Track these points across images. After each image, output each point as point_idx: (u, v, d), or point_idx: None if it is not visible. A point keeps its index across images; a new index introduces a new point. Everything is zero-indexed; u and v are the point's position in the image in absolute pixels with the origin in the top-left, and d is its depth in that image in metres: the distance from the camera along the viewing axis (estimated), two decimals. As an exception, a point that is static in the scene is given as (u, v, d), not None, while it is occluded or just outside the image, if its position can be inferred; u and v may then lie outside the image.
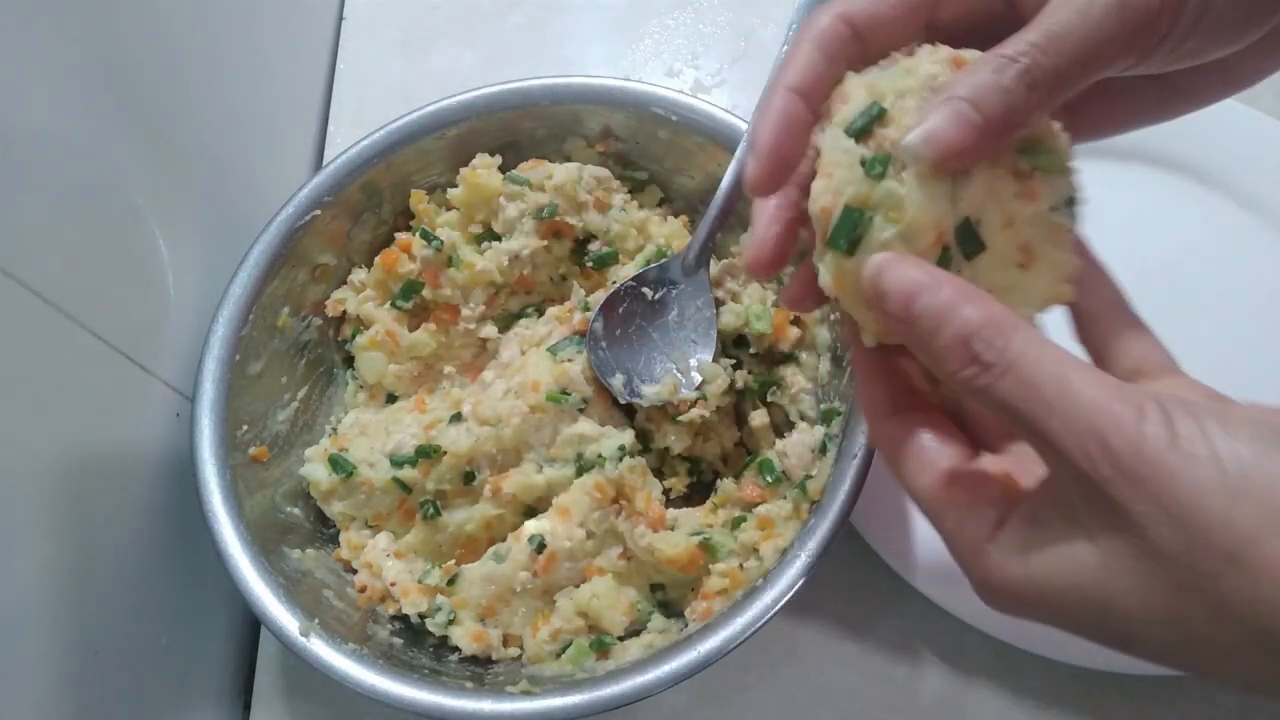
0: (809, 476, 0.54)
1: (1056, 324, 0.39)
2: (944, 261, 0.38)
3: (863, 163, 0.37)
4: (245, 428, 0.57)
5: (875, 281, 0.35)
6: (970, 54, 0.38)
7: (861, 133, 0.38)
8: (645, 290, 0.60)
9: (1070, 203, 0.40)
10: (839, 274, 0.38)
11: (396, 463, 0.56)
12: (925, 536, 0.60)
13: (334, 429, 0.62)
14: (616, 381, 0.58)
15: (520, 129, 0.63)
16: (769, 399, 0.61)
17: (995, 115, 0.35)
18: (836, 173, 0.38)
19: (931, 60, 0.38)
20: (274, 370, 0.60)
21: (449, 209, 0.64)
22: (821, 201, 0.38)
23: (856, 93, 0.39)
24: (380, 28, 0.83)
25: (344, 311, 0.64)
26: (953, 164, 0.36)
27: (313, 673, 0.49)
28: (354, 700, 0.49)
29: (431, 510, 0.57)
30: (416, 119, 0.62)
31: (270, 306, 0.59)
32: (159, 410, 0.56)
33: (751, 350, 0.60)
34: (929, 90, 0.38)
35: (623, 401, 0.59)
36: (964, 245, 0.38)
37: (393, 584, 0.55)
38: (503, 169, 0.62)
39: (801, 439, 0.56)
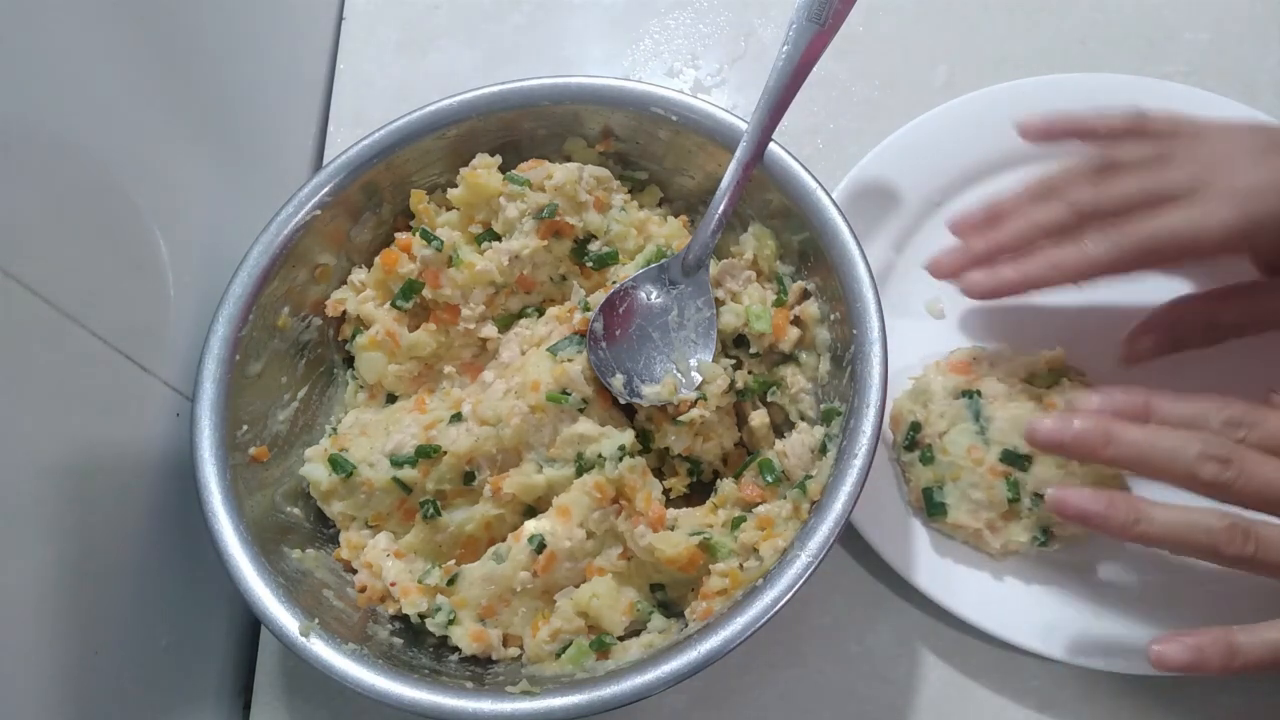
0: (809, 476, 0.54)
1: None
2: (1013, 485, 0.57)
3: (920, 460, 0.59)
4: (245, 428, 0.57)
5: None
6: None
7: (913, 443, 0.60)
8: (645, 290, 0.60)
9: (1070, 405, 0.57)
10: (953, 529, 0.59)
11: (396, 463, 0.56)
12: (925, 536, 0.60)
13: (334, 429, 0.62)
14: (616, 381, 0.58)
15: (520, 129, 0.63)
16: (769, 399, 0.61)
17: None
18: (909, 474, 0.61)
19: (939, 379, 0.60)
20: (274, 370, 0.60)
21: (449, 209, 0.64)
22: (911, 498, 0.61)
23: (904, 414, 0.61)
24: (380, 28, 0.83)
25: (344, 311, 0.64)
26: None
27: (313, 673, 0.49)
28: (354, 700, 0.49)
29: (431, 510, 0.57)
30: (416, 119, 0.62)
31: (270, 306, 0.59)
32: (159, 410, 0.56)
33: (751, 350, 0.60)
34: (931, 401, 0.60)
35: (623, 401, 0.59)
36: (1015, 464, 0.57)
37: (393, 584, 0.55)
38: (503, 169, 0.62)
39: (801, 439, 0.56)
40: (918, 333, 0.66)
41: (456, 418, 0.57)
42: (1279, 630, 0.47)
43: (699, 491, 0.60)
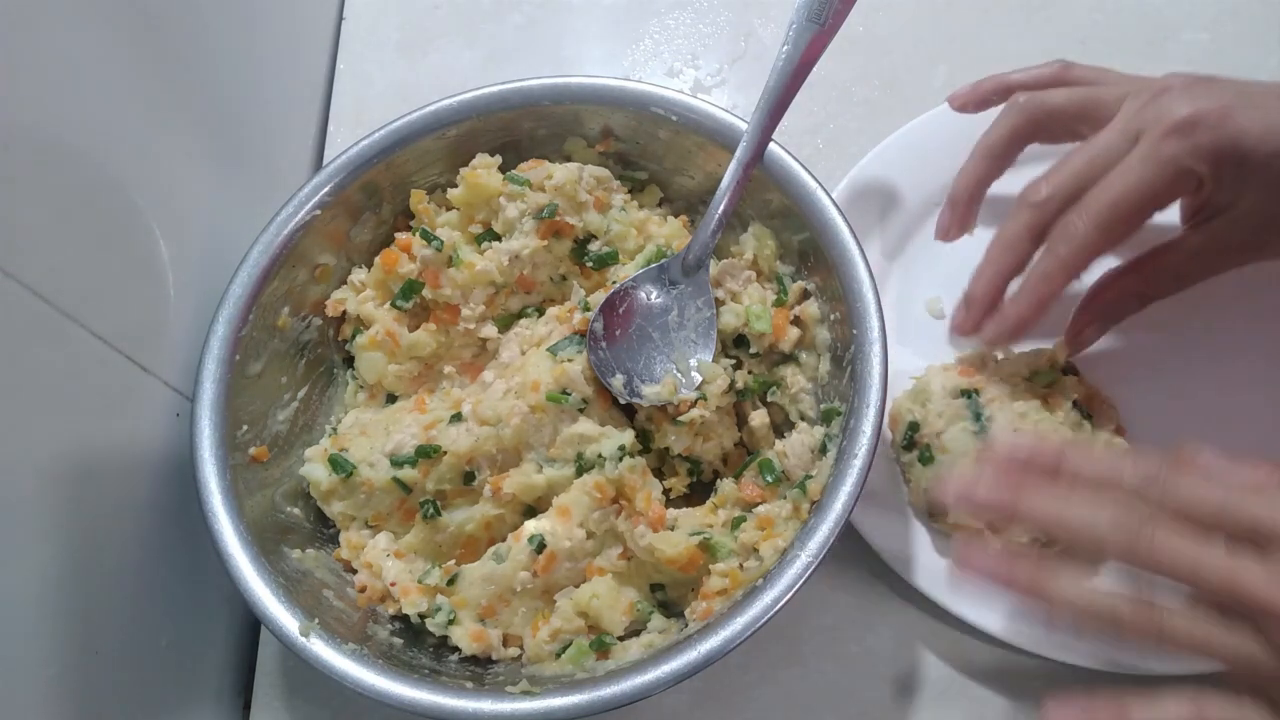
0: (809, 476, 0.54)
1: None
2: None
3: (919, 460, 0.59)
4: (245, 428, 0.57)
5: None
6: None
7: (911, 442, 0.60)
8: (645, 290, 0.60)
9: (1075, 403, 0.59)
10: (954, 530, 0.59)
11: (396, 463, 0.56)
12: (925, 537, 0.60)
13: (334, 429, 0.62)
14: (616, 381, 0.58)
15: (520, 129, 0.63)
16: (769, 399, 0.61)
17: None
18: (909, 474, 0.60)
19: (939, 378, 0.60)
20: (274, 370, 0.60)
21: (449, 209, 0.64)
22: (912, 498, 0.61)
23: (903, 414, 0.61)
24: (380, 28, 0.83)
25: (344, 311, 0.64)
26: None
27: (313, 673, 0.49)
28: (354, 700, 0.49)
29: (431, 510, 0.57)
30: (416, 119, 0.62)
31: (270, 306, 0.59)
32: (159, 410, 0.56)
33: (751, 350, 0.60)
34: (930, 401, 0.60)
35: (623, 401, 0.59)
36: None
37: (393, 584, 0.55)
38: (503, 169, 0.62)
39: (801, 439, 0.56)
40: (918, 333, 0.66)
41: (456, 418, 0.57)
42: (1174, 702, 0.45)
43: (699, 491, 0.60)
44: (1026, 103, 0.59)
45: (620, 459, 0.55)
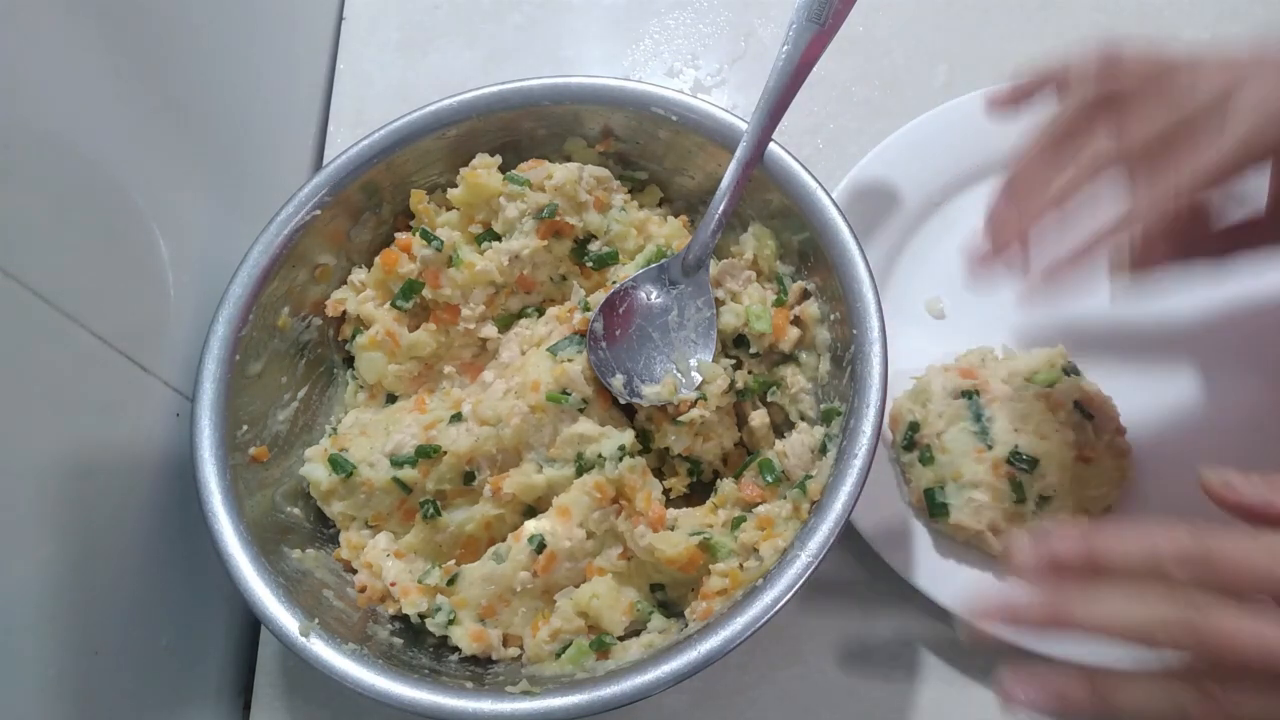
0: (809, 476, 0.54)
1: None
2: (1017, 486, 0.56)
3: (920, 460, 0.59)
4: (245, 428, 0.57)
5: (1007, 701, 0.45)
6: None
7: (911, 442, 0.60)
8: (645, 290, 0.60)
9: (1076, 404, 0.58)
10: (955, 530, 0.58)
11: (396, 463, 0.56)
12: (925, 537, 0.60)
13: (334, 429, 0.62)
14: (616, 381, 0.58)
15: (520, 129, 0.63)
16: (769, 399, 0.61)
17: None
18: (909, 475, 0.60)
19: (939, 378, 0.60)
20: (274, 370, 0.60)
21: (449, 209, 0.64)
22: (912, 498, 0.60)
23: (903, 414, 0.61)
24: (380, 28, 0.83)
25: (344, 311, 0.64)
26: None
27: (313, 673, 0.49)
28: (354, 700, 0.49)
29: (431, 510, 0.57)
30: (416, 119, 0.62)
31: (270, 306, 0.59)
32: (159, 410, 0.56)
33: (751, 350, 0.60)
34: (930, 401, 0.60)
35: (623, 401, 0.59)
36: (1021, 465, 0.56)
37: (393, 584, 0.55)
38: (503, 169, 0.62)
39: (801, 439, 0.56)
40: (918, 333, 0.66)
41: (456, 418, 0.57)
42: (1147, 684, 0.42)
43: (699, 491, 0.60)
44: (1097, 66, 0.50)
45: (620, 459, 0.55)
